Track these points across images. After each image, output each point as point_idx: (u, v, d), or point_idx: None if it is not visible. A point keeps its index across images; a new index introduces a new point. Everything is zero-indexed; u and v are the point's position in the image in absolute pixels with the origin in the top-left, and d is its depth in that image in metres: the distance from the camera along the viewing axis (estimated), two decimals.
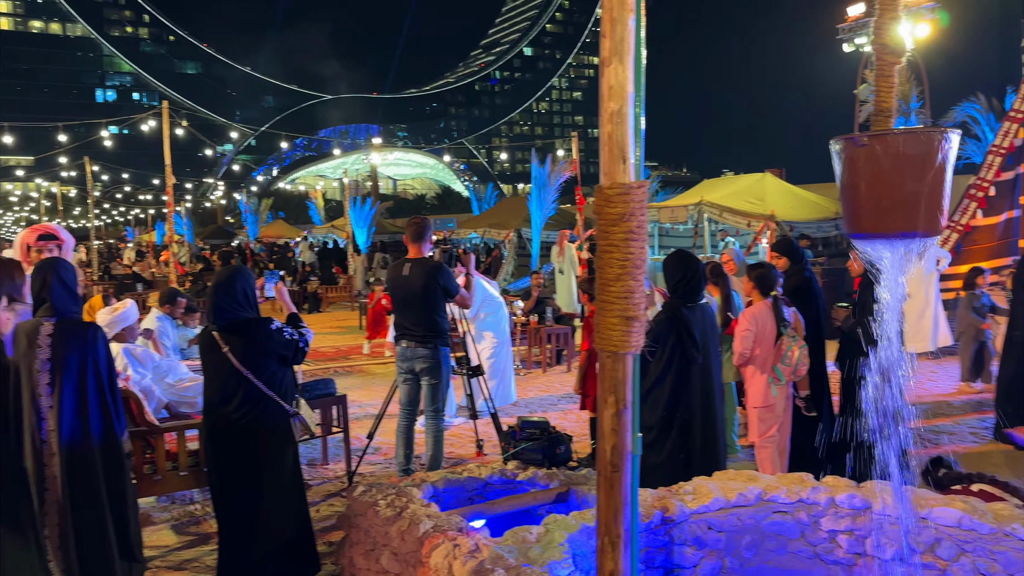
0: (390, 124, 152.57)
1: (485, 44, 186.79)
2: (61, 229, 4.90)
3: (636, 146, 1.83)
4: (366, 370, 10.76)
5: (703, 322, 4.42)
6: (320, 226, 37.08)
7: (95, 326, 3.58)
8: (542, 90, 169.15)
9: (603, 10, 1.75)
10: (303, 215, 51.30)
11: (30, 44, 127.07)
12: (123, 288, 17.66)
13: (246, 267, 3.99)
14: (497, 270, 19.95)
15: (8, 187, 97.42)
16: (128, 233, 53.00)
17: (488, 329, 8.11)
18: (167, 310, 6.56)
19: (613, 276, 1.81)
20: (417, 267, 5.39)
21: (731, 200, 13.82)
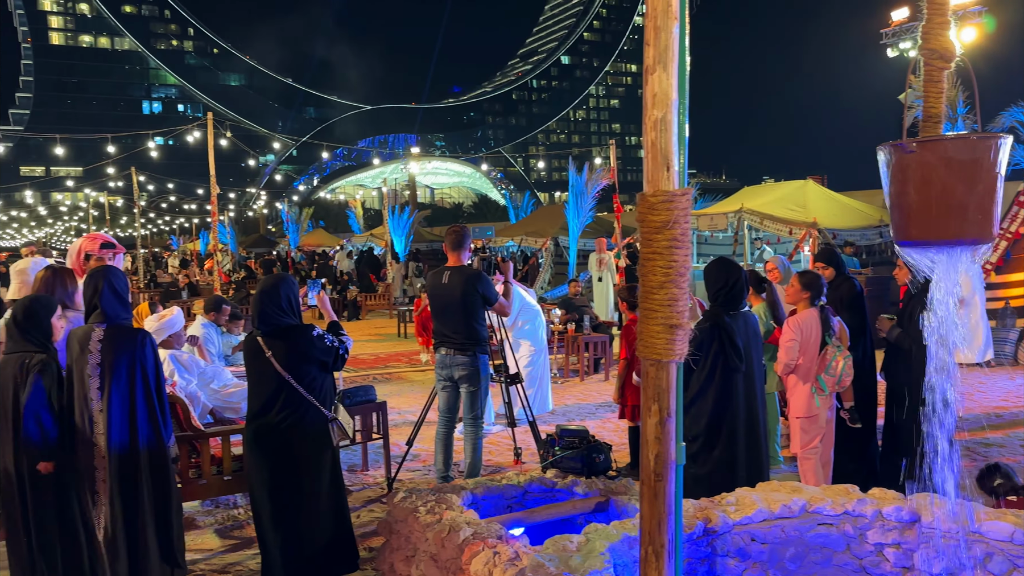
0: (428, 134, 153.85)
1: (522, 53, 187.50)
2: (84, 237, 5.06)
3: (680, 153, 1.83)
4: (405, 377, 10.83)
5: (746, 331, 4.36)
6: (359, 235, 37.49)
7: (144, 332, 3.67)
8: (579, 98, 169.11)
9: (647, 18, 1.75)
10: (343, 224, 51.94)
11: (80, 58, 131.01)
12: (168, 296, 18.04)
13: (290, 275, 4.08)
14: (534, 278, 19.95)
15: (58, 197, 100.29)
16: (173, 242, 54.20)
17: (525, 337, 8.11)
18: (212, 317, 6.69)
19: (657, 284, 1.81)
20: (456, 275, 5.43)
21: (772, 207, 13.65)
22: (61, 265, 4.55)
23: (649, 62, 1.75)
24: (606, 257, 13.86)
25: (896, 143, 1.99)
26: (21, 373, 3.42)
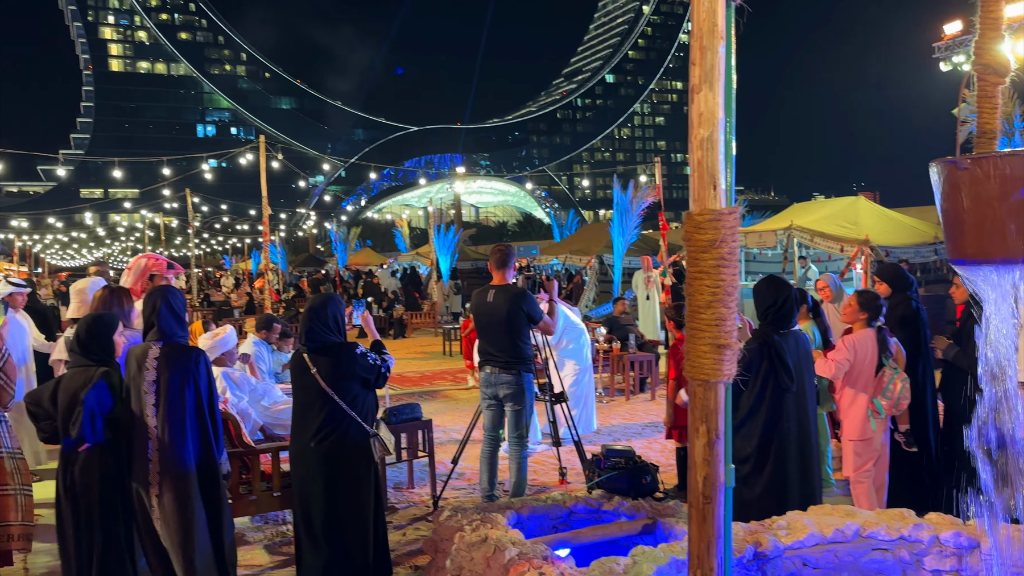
0: (473, 153, 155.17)
1: (567, 73, 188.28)
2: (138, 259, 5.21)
3: (726, 172, 1.83)
4: (450, 395, 10.88)
5: (796, 350, 4.28)
6: (405, 253, 37.88)
7: (199, 350, 3.77)
8: (624, 116, 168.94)
9: (692, 38, 1.76)
10: (389, 243, 52.59)
11: (137, 84, 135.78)
12: (221, 314, 18.45)
13: (337, 295, 4.18)
14: (579, 297, 19.90)
15: (116, 218, 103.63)
16: (226, 261, 55.47)
17: (570, 357, 8.09)
18: (263, 335, 6.83)
19: (704, 303, 1.80)
20: (501, 294, 5.45)
21: (822, 224, 13.39)
22: (118, 285, 4.70)
23: (695, 81, 1.76)
24: (653, 275, 13.76)
25: (949, 159, 1.95)
26: (84, 385, 3.53)
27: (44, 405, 3.64)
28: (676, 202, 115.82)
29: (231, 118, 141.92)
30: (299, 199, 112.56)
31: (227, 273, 40.27)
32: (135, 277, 4.89)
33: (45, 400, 3.64)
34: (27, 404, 3.74)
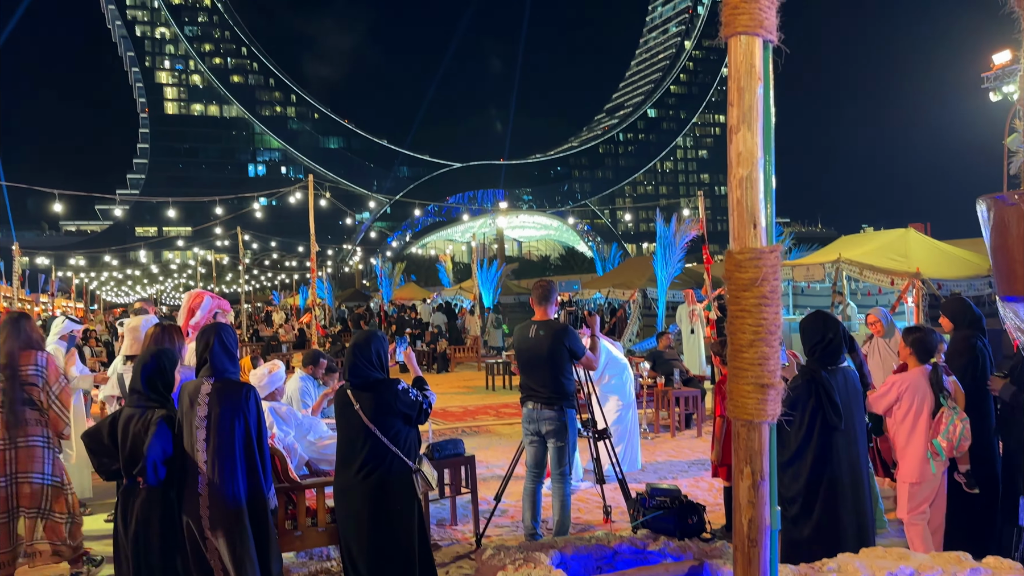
0: (516, 188, 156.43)
1: (609, 108, 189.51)
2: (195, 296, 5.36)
3: (767, 210, 1.82)
4: (493, 430, 10.85)
5: (845, 387, 4.19)
6: (449, 288, 38.17)
7: (249, 386, 3.85)
8: (666, 150, 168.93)
9: (730, 79, 1.77)
10: (433, 278, 53.04)
11: (191, 125, 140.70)
12: (270, 349, 18.77)
13: (380, 332, 4.24)
14: (622, 331, 19.77)
15: (169, 256, 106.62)
16: (275, 297, 56.52)
17: (613, 392, 8.02)
18: (310, 371, 6.93)
19: (746, 342, 1.78)
20: (543, 329, 5.46)
21: (872, 257, 13.14)
22: (170, 323, 4.84)
23: (733, 122, 1.77)
24: (697, 309, 13.62)
25: (996, 196, 1.92)
26: (144, 427, 3.61)
27: (104, 443, 3.73)
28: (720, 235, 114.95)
29: (281, 158, 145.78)
30: (346, 235, 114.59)
31: (276, 308, 41.02)
32: (203, 315, 5.06)
33: (105, 438, 3.73)
34: (86, 442, 3.84)
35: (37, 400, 4.82)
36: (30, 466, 4.79)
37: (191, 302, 5.11)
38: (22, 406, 4.75)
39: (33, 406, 4.81)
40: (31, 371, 4.84)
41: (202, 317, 5.04)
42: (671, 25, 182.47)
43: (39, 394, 4.83)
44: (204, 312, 5.06)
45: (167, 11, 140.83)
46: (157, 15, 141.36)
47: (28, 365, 4.84)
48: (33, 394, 4.81)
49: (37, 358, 4.90)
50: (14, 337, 4.89)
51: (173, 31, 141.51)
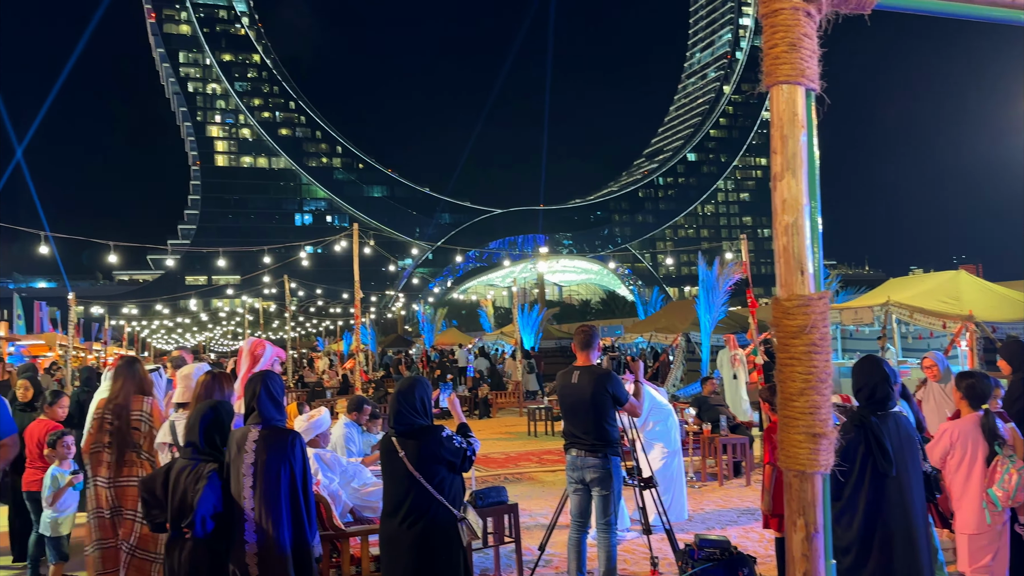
0: (556, 233, 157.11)
1: (648, 153, 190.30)
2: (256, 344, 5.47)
3: (814, 256, 1.81)
4: (536, 478, 10.73)
5: (897, 433, 4.06)
6: (490, 333, 38.23)
7: (295, 433, 3.89)
8: (707, 193, 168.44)
9: (772, 127, 1.78)
10: (475, 323, 53.24)
11: (241, 177, 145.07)
12: (315, 395, 18.94)
13: (424, 379, 4.25)
14: (665, 376, 19.51)
15: (218, 304, 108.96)
16: (319, 343, 57.21)
17: (658, 439, 7.89)
18: (354, 417, 6.98)
19: (796, 391, 1.75)
20: (586, 375, 5.42)
21: (922, 300, 12.84)
22: (220, 371, 4.93)
23: (777, 169, 1.77)
24: (739, 354, 13.41)
25: None
26: (196, 483, 3.65)
27: (157, 494, 3.78)
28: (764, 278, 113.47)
29: (327, 207, 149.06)
30: (388, 282, 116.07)
31: (321, 355, 41.51)
32: (265, 363, 5.19)
33: (158, 488, 3.78)
34: (140, 491, 3.90)
35: (139, 443, 5.05)
36: (129, 504, 4.97)
37: (254, 350, 5.22)
38: (127, 447, 5.00)
39: (136, 448, 5.03)
40: (136, 415, 5.10)
41: (264, 365, 5.17)
42: (710, 71, 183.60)
43: (141, 438, 5.07)
44: (266, 360, 5.20)
45: (218, 68, 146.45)
46: (209, 72, 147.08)
47: (136, 409, 5.12)
48: (136, 437, 5.05)
49: (144, 403, 5.17)
50: (128, 381, 5.18)
51: (224, 87, 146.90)
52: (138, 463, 5.07)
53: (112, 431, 5.01)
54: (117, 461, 4.97)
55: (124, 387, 5.15)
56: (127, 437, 5.02)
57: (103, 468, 4.96)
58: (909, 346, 16.44)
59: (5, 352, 20.07)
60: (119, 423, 5.03)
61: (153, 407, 5.22)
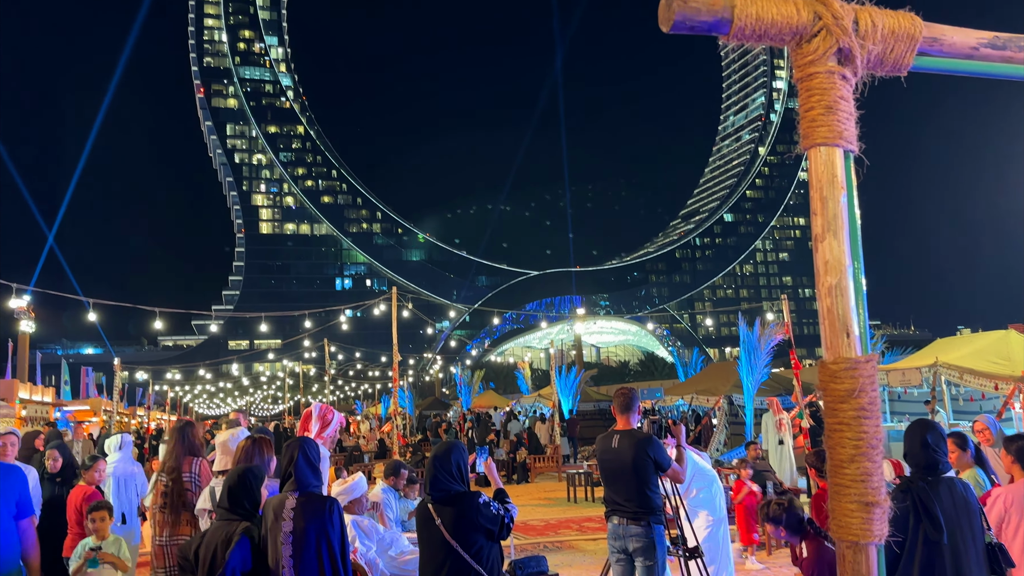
0: (592, 294, 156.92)
1: (684, 214, 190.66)
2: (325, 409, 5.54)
3: (859, 318, 1.77)
4: (576, 546, 10.46)
5: (951, 498, 3.88)
6: (527, 395, 37.91)
7: (332, 500, 3.86)
8: (745, 253, 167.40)
9: (812, 188, 1.77)
10: (512, 385, 52.94)
11: (284, 243, 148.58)
12: (352, 460, 18.88)
13: (460, 443, 4.21)
14: (708, 440, 19.08)
15: (259, 368, 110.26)
16: (357, 406, 57.33)
17: (702, 507, 7.65)
18: (391, 482, 6.91)
19: (847, 457, 1.70)
20: (626, 439, 5.32)
21: (972, 360, 12.44)
22: (261, 435, 4.95)
23: (818, 230, 1.75)
24: (784, 417, 13.08)
25: None
26: (225, 539, 3.65)
27: (190, 559, 3.77)
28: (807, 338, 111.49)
29: (367, 271, 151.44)
30: (426, 344, 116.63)
31: (361, 418, 41.58)
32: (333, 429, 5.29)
33: (191, 554, 3.78)
34: (178, 557, 3.90)
35: (191, 503, 5.19)
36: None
37: (324, 414, 5.31)
38: (181, 508, 5.17)
39: (189, 509, 5.17)
40: (186, 477, 5.27)
41: (332, 431, 5.27)
42: (744, 133, 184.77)
43: (192, 498, 5.21)
44: (334, 427, 5.31)
45: (264, 139, 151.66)
46: (255, 143, 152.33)
47: (187, 471, 5.29)
48: (188, 497, 5.20)
49: (193, 464, 5.34)
50: (181, 444, 5.39)
51: (269, 157, 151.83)
52: (192, 523, 5.19)
53: (166, 492, 5.19)
54: (172, 521, 5.14)
55: (175, 450, 5.36)
56: (180, 498, 5.19)
57: (160, 528, 5.15)
58: (960, 408, 15.88)
59: (52, 417, 20.46)
60: (173, 485, 5.21)
61: (202, 468, 5.36)
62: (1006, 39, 1.87)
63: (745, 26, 1.67)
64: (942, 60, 1.87)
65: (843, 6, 1.76)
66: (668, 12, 1.63)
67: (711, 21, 1.65)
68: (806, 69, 1.76)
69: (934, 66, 1.88)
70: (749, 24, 1.67)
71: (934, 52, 1.84)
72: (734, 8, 1.65)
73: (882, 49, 1.78)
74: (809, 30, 1.74)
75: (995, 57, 1.87)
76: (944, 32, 1.84)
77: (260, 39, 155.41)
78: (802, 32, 1.74)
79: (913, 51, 1.80)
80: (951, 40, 1.84)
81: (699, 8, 1.63)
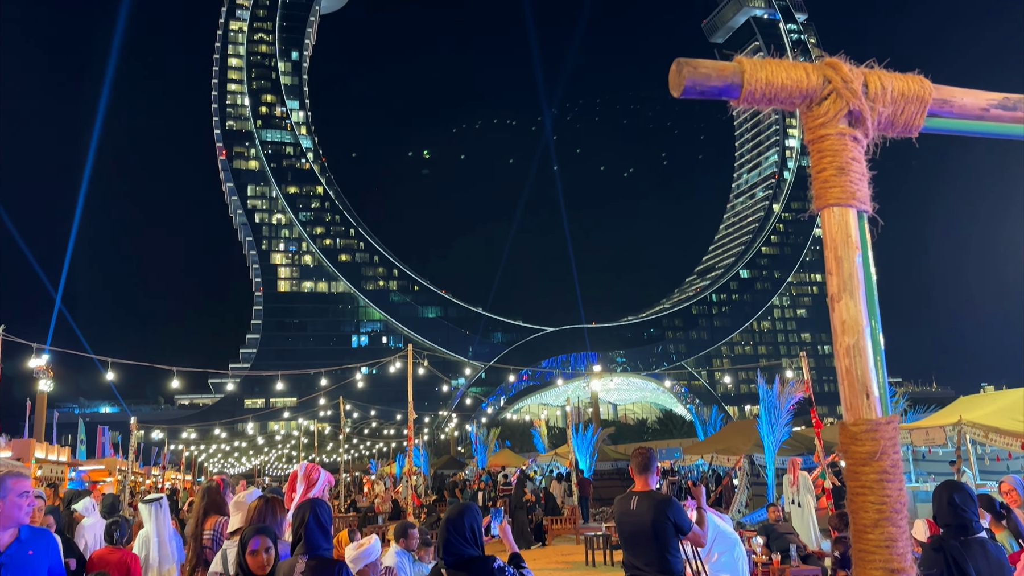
0: (608, 351, 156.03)
1: (699, 270, 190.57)
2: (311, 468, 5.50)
3: (878, 378, 1.75)
4: None
5: (985, 558, 3.77)
6: (544, 454, 37.41)
7: (342, 564, 3.80)
8: (762, 309, 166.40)
9: (826, 248, 1.77)
10: (528, 443, 52.31)
11: (301, 301, 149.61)
12: (366, 521, 18.61)
13: (474, 505, 4.14)
14: (729, 501, 18.67)
15: (275, 427, 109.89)
16: (372, 465, 56.78)
17: (724, 570, 7.45)
18: (403, 544, 6.79)
19: (870, 522, 1.65)
20: (645, 501, 5.22)
21: (996, 419, 12.18)
22: (273, 495, 4.91)
23: (834, 290, 1.74)
24: (805, 478, 12.79)
25: None
26: None
27: None
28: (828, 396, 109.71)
29: (383, 328, 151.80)
30: (442, 402, 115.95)
31: (375, 478, 41.14)
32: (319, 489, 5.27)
33: None
34: None
35: (208, 560, 5.21)
36: None
37: (309, 474, 5.25)
38: (201, 566, 5.22)
39: (205, 566, 5.19)
40: (208, 535, 5.34)
41: (318, 491, 5.21)
42: (758, 190, 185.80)
43: (211, 556, 5.23)
44: (320, 486, 5.26)
45: (284, 199, 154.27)
46: (275, 203, 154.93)
47: (208, 529, 5.37)
48: (208, 556, 5.23)
49: (216, 524, 5.40)
50: (201, 502, 5.53)
51: (288, 217, 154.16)
52: None
53: (194, 550, 5.30)
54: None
55: (199, 509, 5.50)
56: (202, 555, 5.26)
57: None
58: (986, 468, 15.49)
59: (67, 477, 20.40)
60: (195, 544, 5.31)
61: (223, 526, 5.38)
62: (1016, 100, 1.89)
63: (755, 90, 1.70)
64: (953, 121, 1.88)
65: (852, 69, 1.78)
66: (678, 78, 1.66)
67: (721, 86, 1.68)
68: (817, 131, 1.78)
69: (945, 127, 1.90)
70: (759, 88, 1.70)
71: (944, 113, 1.86)
72: (744, 73, 1.68)
73: (892, 111, 1.80)
74: (819, 93, 1.76)
75: (1006, 118, 1.89)
76: (954, 94, 1.86)
77: (282, 103, 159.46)
78: (812, 95, 1.76)
79: (923, 113, 1.82)
80: (961, 102, 1.86)
81: (709, 74, 1.66)
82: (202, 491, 5.68)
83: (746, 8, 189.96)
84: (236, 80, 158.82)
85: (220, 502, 5.59)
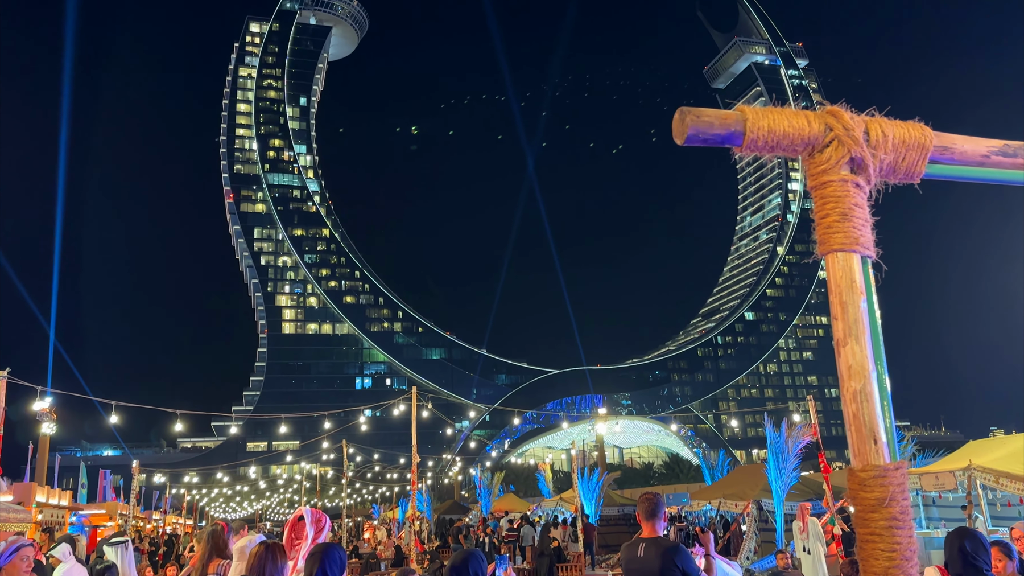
0: (614, 393, 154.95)
1: (704, 312, 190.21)
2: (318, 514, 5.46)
3: (885, 423, 1.74)
4: None
5: None
6: (549, 499, 36.94)
7: None
8: (768, 352, 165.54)
9: (831, 294, 1.78)
10: (533, 487, 51.71)
11: (305, 343, 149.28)
12: (368, 567, 18.33)
13: (478, 552, 4.09)
14: (737, 547, 18.35)
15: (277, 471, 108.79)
16: (375, 510, 56.08)
17: None
18: None
19: (881, 570, 1.64)
20: (652, 548, 5.14)
21: (1007, 463, 12.02)
22: (275, 541, 4.86)
23: (839, 336, 1.75)
24: (814, 523, 12.59)
25: None
26: None
27: None
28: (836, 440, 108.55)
29: (387, 370, 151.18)
30: (445, 445, 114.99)
31: (378, 523, 40.61)
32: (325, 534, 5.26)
33: None
34: None
35: None
36: None
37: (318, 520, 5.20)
38: None
39: None
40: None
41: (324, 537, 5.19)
42: (762, 233, 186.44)
43: None
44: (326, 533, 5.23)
45: (290, 242, 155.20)
46: (281, 246, 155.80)
47: (211, 573, 5.50)
48: None
49: (218, 567, 5.52)
50: (204, 545, 5.66)
51: (294, 259, 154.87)
52: None
53: None
54: None
55: (202, 552, 5.64)
56: None
57: None
58: (998, 514, 15.23)
59: (68, 521, 20.19)
60: None
61: (225, 570, 5.51)
62: (1016, 147, 1.92)
63: (757, 138, 1.73)
64: (954, 168, 1.91)
65: (853, 117, 1.82)
66: (682, 126, 1.70)
67: (724, 134, 1.71)
68: (820, 178, 1.80)
69: (946, 173, 1.92)
70: (761, 136, 1.73)
71: (946, 160, 1.89)
72: (746, 122, 1.72)
73: (894, 158, 1.83)
74: (821, 141, 1.79)
75: (1006, 164, 1.91)
76: (955, 141, 1.89)
77: (289, 147, 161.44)
78: (814, 143, 1.79)
79: (924, 159, 1.85)
80: (962, 149, 1.89)
81: (712, 122, 1.70)
82: (206, 534, 5.79)
83: (747, 54, 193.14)
84: (244, 125, 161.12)
85: (223, 545, 5.68)
